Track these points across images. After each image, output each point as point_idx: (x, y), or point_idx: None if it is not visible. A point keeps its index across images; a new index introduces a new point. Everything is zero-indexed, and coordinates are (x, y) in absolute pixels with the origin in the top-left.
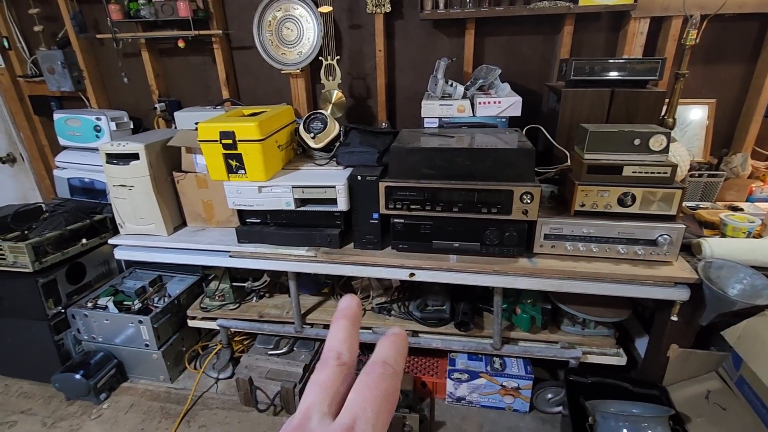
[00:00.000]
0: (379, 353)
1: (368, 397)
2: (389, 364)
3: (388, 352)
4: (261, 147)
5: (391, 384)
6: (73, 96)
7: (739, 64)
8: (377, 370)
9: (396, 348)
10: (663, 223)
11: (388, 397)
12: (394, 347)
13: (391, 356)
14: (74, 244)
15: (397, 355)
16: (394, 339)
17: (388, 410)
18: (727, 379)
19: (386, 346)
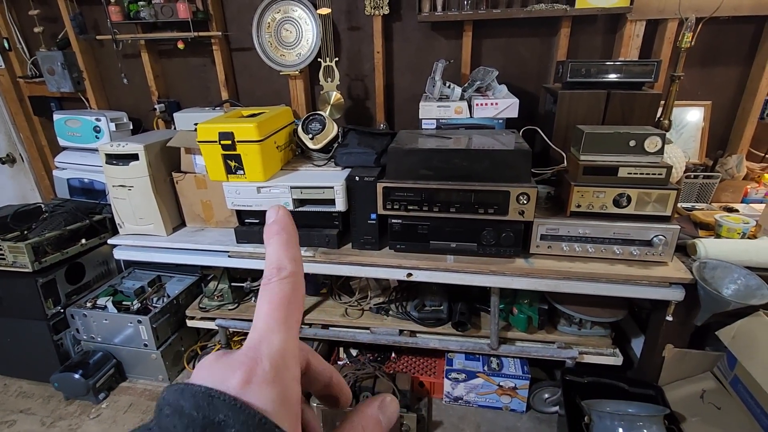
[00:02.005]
0: (270, 261)
1: (268, 310)
2: (283, 267)
3: (279, 256)
4: (260, 148)
5: (290, 287)
6: (72, 97)
7: (735, 67)
8: (272, 279)
9: (284, 248)
10: (658, 223)
11: (291, 302)
12: (283, 248)
13: (284, 258)
14: (73, 244)
15: (288, 255)
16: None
17: (296, 314)
18: (722, 378)
19: (275, 250)
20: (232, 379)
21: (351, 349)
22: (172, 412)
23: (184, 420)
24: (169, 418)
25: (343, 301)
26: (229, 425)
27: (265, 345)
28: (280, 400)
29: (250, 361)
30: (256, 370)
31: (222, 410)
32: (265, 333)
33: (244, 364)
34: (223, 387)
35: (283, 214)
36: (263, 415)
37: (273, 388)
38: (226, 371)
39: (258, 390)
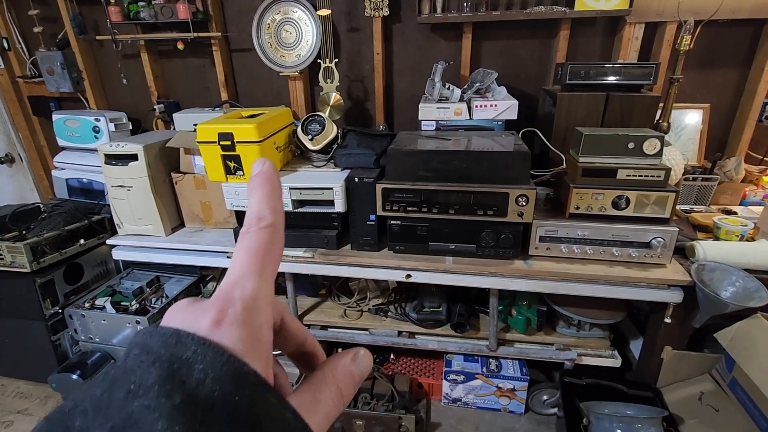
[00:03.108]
0: (251, 211)
1: (245, 255)
2: (263, 217)
3: (260, 207)
4: (259, 148)
5: (268, 237)
6: (72, 97)
7: (733, 69)
8: (252, 228)
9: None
10: (657, 226)
11: (269, 250)
12: (265, 198)
13: (265, 208)
14: (72, 244)
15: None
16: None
17: (272, 263)
18: (720, 380)
19: (256, 200)
20: (202, 320)
21: None
22: (140, 351)
23: (151, 357)
24: (136, 357)
25: (341, 302)
26: (196, 361)
27: (238, 289)
28: (251, 341)
29: (222, 303)
30: (227, 311)
31: (190, 348)
32: (240, 277)
33: (215, 305)
34: (193, 328)
35: (269, 167)
36: (231, 353)
37: (243, 329)
38: (196, 313)
39: (228, 330)
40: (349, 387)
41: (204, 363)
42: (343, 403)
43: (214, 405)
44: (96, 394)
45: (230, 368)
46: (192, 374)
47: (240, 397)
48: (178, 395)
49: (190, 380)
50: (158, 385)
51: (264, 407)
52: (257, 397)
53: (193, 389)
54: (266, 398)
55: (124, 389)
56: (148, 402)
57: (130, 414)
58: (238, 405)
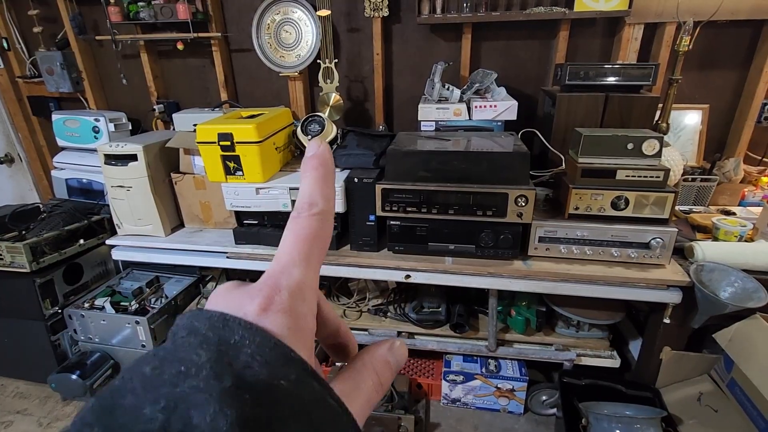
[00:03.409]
0: (303, 194)
1: (294, 241)
2: (315, 204)
3: (313, 191)
4: (259, 149)
5: (319, 224)
6: (71, 97)
7: (732, 70)
8: (303, 213)
9: (320, 184)
10: (656, 226)
11: (318, 238)
12: (318, 184)
13: (317, 194)
14: (72, 244)
15: (322, 192)
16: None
17: (320, 251)
18: (719, 381)
19: (309, 184)
20: (249, 305)
21: None
22: (187, 333)
23: (199, 338)
24: (184, 338)
25: (341, 302)
26: (244, 345)
27: (285, 276)
28: (296, 329)
29: (269, 289)
30: (274, 298)
31: (237, 332)
32: (287, 265)
33: (262, 291)
34: (240, 313)
35: (324, 149)
36: (278, 339)
37: (289, 317)
38: (243, 298)
39: (274, 317)
40: (386, 375)
41: (251, 347)
42: (382, 390)
43: (260, 388)
44: (146, 372)
45: (277, 353)
46: (239, 357)
47: (286, 381)
48: (228, 377)
49: (238, 363)
50: (208, 367)
51: (309, 392)
52: (303, 382)
53: (241, 372)
54: (311, 384)
55: (174, 369)
56: (198, 383)
57: (181, 394)
58: (284, 389)
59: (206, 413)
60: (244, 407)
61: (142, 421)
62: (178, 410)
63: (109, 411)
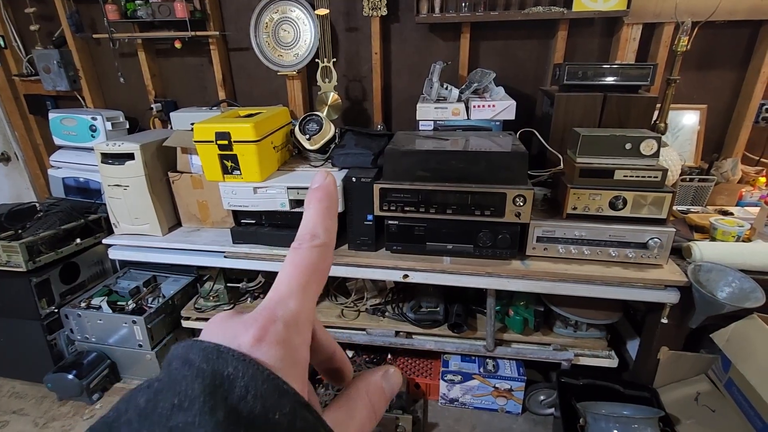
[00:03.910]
0: (305, 225)
1: (293, 272)
2: (316, 236)
3: (316, 223)
4: (256, 148)
5: (319, 256)
6: (68, 95)
7: (730, 71)
8: (304, 244)
9: (323, 216)
10: (654, 226)
11: (317, 271)
12: (320, 216)
13: (319, 226)
14: (68, 243)
15: (325, 224)
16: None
17: (317, 283)
18: (717, 381)
19: (312, 216)
20: (243, 336)
21: (347, 351)
22: (181, 364)
23: (193, 371)
24: (178, 370)
25: (339, 302)
26: (238, 377)
27: (281, 307)
28: (290, 361)
29: (265, 320)
30: (269, 329)
31: (231, 364)
32: (284, 295)
33: (257, 322)
34: (234, 344)
35: (330, 182)
36: (272, 371)
37: (283, 348)
38: (238, 329)
39: (268, 348)
40: (380, 403)
41: (245, 379)
42: (375, 419)
43: (254, 421)
44: (140, 404)
45: (270, 386)
46: (234, 390)
47: (280, 414)
48: (221, 411)
49: (232, 396)
50: (202, 400)
51: (302, 424)
52: (296, 414)
53: (235, 405)
54: (304, 415)
55: (169, 401)
56: (192, 418)
57: (175, 427)
58: (278, 422)
59: None
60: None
61: None
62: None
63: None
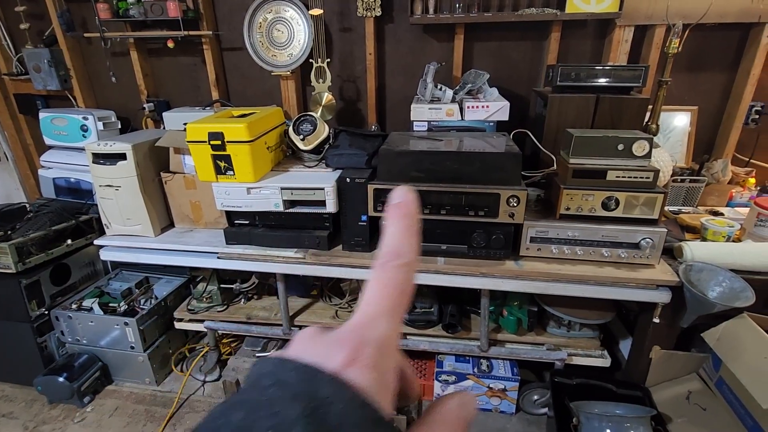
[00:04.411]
0: (389, 243)
1: (380, 294)
2: (402, 255)
3: (400, 241)
4: (250, 148)
5: (405, 276)
6: (59, 95)
7: (720, 73)
8: (390, 262)
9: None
10: (645, 226)
11: (403, 292)
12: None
13: (404, 244)
14: (59, 244)
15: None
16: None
17: (405, 305)
18: (707, 380)
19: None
20: (336, 357)
21: None
22: (274, 383)
23: (289, 391)
24: (272, 389)
25: (333, 303)
26: (334, 402)
27: (371, 329)
28: (381, 385)
29: (356, 342)
30: (361, 351)
31: (326, 387)
32: (374, 317)
33: (349, 343)
34: (326, 365)
35: (412, 199)
36: (367, 398)
37: (375, 372)
38: (329, 349)
39: (360, 372)
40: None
41: (342, 404)
42: None
43: None
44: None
45: (366, 413)
46: (330, 415)
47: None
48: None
49: (330, 421)
50: (301, 424)
51: None
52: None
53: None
54: None
55: (266, 423)
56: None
57: None
58: None
59: None
60: None
61: None
62: None
63: None
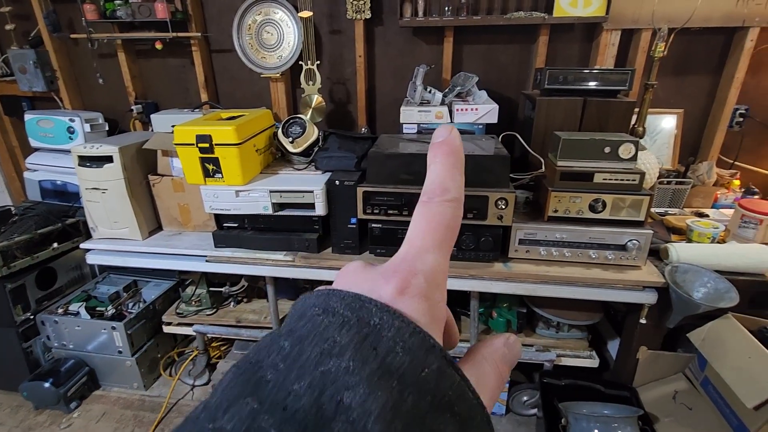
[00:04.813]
0: (433, 179)
1: (427, 226)
2: (447, 190)
3: (444, 177)
4: (238, 151)
5: (452, 212)
6: (45, 96)
7: (705, 76)
8: (435, 198)
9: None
10: (632, 228)
11: (450, 227)
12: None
13: (449, 180)
14: (45, 248)
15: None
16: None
17: (451, 240)
18: (693, 379)
19: (440, 170)
20: (385, 287)
21: None
22: (323, 311)
23: (338, 318)
24: (320, 317)
25: None
26: (384, 329)
27: (419, 261)
28: (431, 317)
29: (405, 272)
30: (411, 281)
31: (375, 314)
32: (421, 250)
33: (398, 273)
34: (374, 295)
35: (455, 136)
36: (417, 325)
37: (426, 302)
38: (377, 280)
39: (411, 301)
40: (505, 371)
41: (392, 331)
42: (502, 384)
43: (405, 376)
44: (284, 348)
45: (417, 340)
46: (381, 341)
47: (428, 370)
48: (374, 362)
49: (381, 348)
50: (353, 348)
51: (450, 383)
52: (444, 372)
53: (384, 357)
54: (452, 374)
55: (318, 347)
56: (345, 364)
57: (327, 373)
58: (427, 378)
59: (356, 394)
60: (391, 393)
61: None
62: (326, 389)
63: (255, 384)
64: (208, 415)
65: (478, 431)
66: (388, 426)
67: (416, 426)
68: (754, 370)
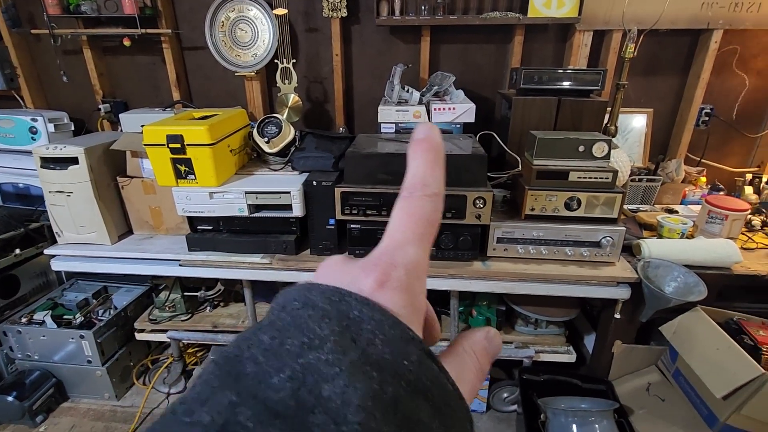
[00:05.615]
0: (414, 174)
1: (407, 220)
2: (427, 185)
3: (425, 172)
4: (212, 152)
5: (432, 206)
6: (5, 95)
7: (673, 77)
8: (416, 192)
9: (432, 166)
10: (606, 225)
11: (431, 222)
12: (431, 166)
13: (429, 176)
14: (6, 254)
15: (435, 174)
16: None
17: (431, 234)
18: (665, 371)
19: (421, 165)
20: (365, 280)
21: None
22: (303, 305)
23: (318, 312)
24: (301, 311)
25: None
26: (363, 321)
27: (400, 253)
28: (411, 309)
29: (385, 265)
30: (391, 274)
31: (355, 307)
32: (402, 243)
33: (378, 266)
34: (354, 288)
35: (436, 134)
36: (396, 317)
37: (406, 295)
38: (357, 273)
39: (391, 294)
40: (486, 363)
41: (371, 323)
42: (482, 378)
43: (384, 367)
44: (264, 341)
45: (397, 332)
46: (361, 334)
47: (408, 362)
48: (353, 353)
49: (360, 339)
50: (332, 340)
51: (428, 374)
52: (423, 363)
53: (364, 348)
54: (430, 365)
55: (297, 340)
56: (325, 355)
57: (307, 364)
58: (406, 370)
59: (336, 386)
60: (371, 384)
61: (272, 389)
62: (306, 381)
63: (234, 377)
64: (185, 408)
65: (455, 420)
66: (368, 416)
67: (394, 415)
68: (722, 361)
